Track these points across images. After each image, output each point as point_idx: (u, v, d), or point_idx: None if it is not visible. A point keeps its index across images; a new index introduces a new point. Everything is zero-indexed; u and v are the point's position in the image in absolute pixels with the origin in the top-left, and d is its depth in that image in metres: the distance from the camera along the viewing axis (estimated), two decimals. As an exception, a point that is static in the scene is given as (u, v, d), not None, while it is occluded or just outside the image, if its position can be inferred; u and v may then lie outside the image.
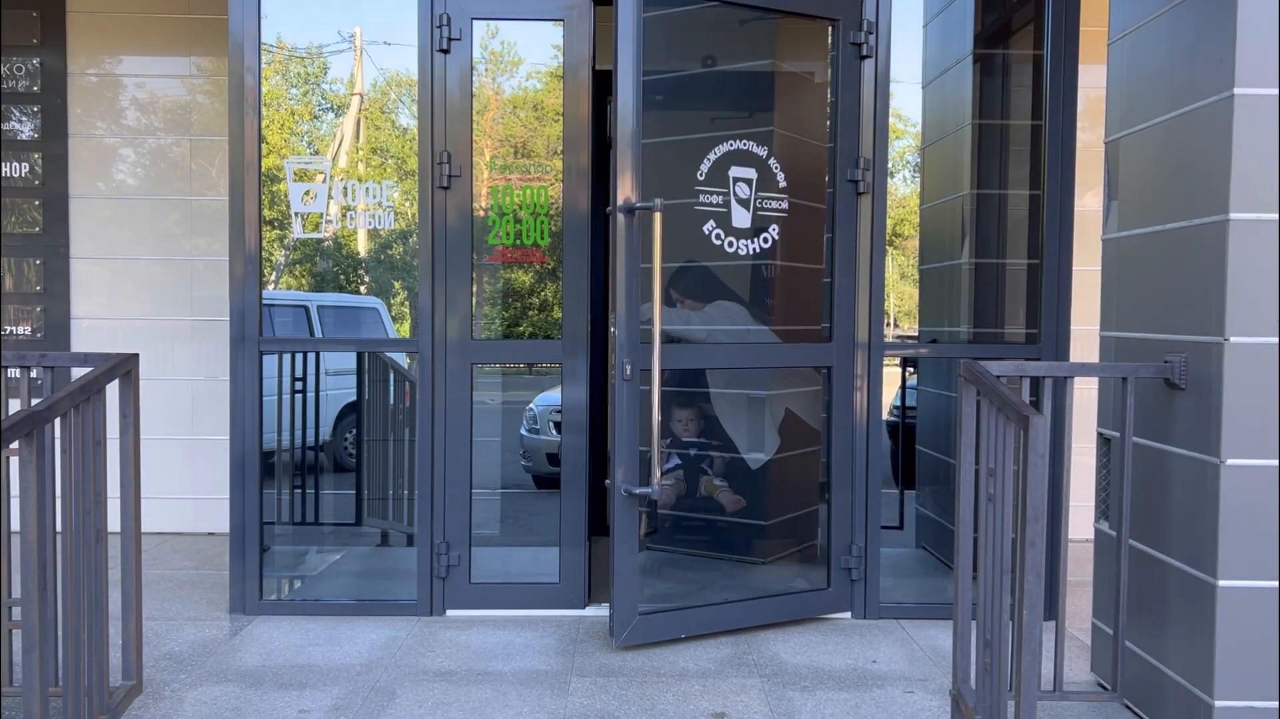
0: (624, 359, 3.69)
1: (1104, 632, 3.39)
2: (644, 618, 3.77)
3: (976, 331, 5.09)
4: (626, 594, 3.75)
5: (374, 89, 5.60)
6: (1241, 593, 2.80)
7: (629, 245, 3.68)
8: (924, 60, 5.46)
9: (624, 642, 3.72)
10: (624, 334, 3.69)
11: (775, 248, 4.14)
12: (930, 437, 5.38)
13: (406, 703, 3.26)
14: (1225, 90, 2.78)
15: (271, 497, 5.14)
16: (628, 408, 3.72)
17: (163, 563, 5.00)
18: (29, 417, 2.49)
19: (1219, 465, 2.80)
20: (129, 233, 5.58)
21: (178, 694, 3.32)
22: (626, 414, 3.72)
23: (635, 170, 3.70)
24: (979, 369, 2.94)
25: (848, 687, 3.45)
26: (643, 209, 3.66)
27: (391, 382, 5.50)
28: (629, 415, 3.72)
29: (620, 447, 3.73)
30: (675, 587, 4.54)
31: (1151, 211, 3.18)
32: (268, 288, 5.04)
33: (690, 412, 4.61)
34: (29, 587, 2.50)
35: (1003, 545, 2.75)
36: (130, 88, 5.60)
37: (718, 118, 4.39)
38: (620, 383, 3.70)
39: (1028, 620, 2.52)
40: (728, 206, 4.00)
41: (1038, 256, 4.16)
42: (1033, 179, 4.49)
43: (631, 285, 3.69)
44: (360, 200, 4.47)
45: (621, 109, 3.68)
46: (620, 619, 3.74)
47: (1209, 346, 2.85)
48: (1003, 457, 2.75)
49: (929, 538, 5.24)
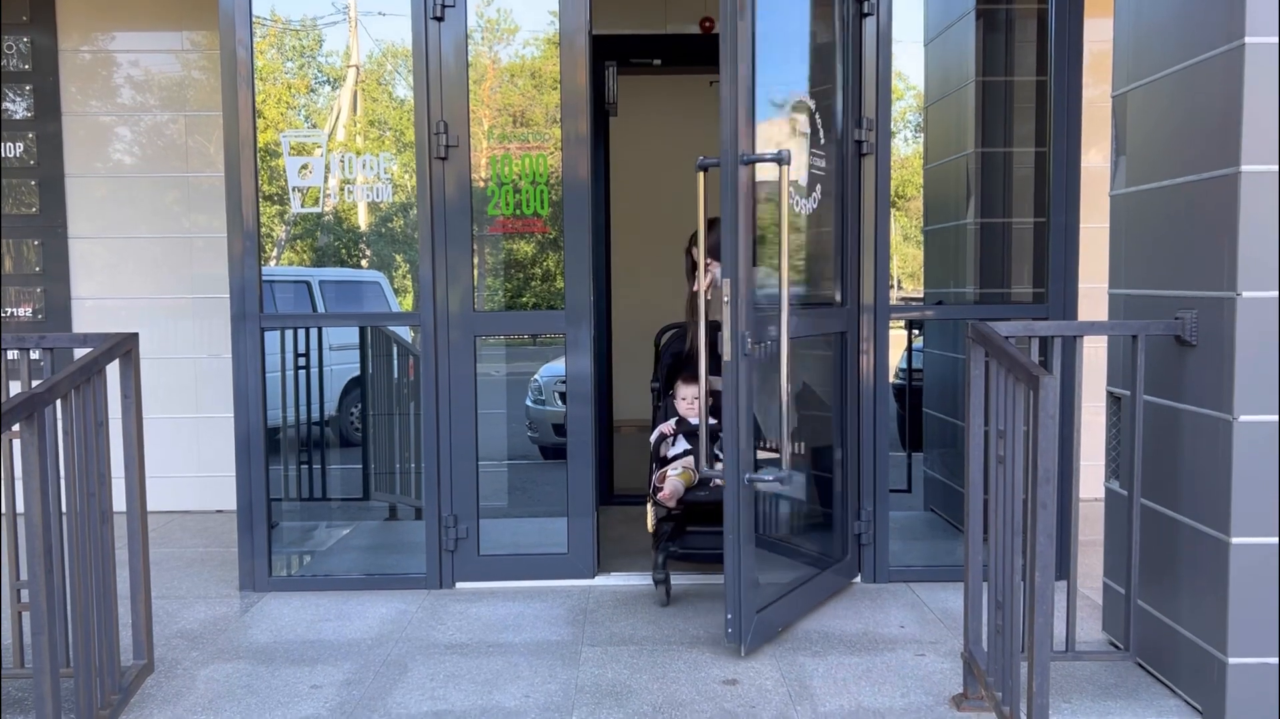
0: (744, 331, 3.28)
1: (1116, 591, 3.38)
2: (759, 616, 3.47)
3: (983, 292, 5.05)
4: (749, 598, 3.39)
5: (369, 61, 5.54)
6: (1254, 550, 2.78)
7: (746, 202, 3.30)
8: (925, 17, 5.38)
9: (750, 647, 3.41)
10: (742, 303, 3.27)
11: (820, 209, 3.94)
12: (937, 399, 5.36)
13: (418, 676, 3.27)
14: (1236, 39, 2.72)
15: (278, 473, 5.14)
16: (745, 386, 3.32)
17: (171, 541, 5.01)
18: (29, 399, 2.47)
19: (1231, 422, 2.77)
20: (127, 212, 5.54)
21: (190, 672, 3.32)
22: (744, 393, 3.32)
23: (749, 119, 3.31)
24: (987, 330, 2.90)
25: (859, 651, 3.44)
26: (765, 161, 3.33)
27: (395, 355, 5.49)
28: (746, 394, 3.33)
29: (738, 430, 3.32)
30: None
31: (1161, 166, 3.13)
32: (269, 264, 5.02)
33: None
34: (35, 568, 2.49)
35: (1013, 507, 2.73)
36: (123, 64, 5.54)
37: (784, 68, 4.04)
38: (738, 358, 3.27)
39: (1040, 582, 2.50)
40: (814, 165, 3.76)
41: (1044, 215, 4.12)
42: (1038, 136, 4.43)
43: (744, 247, 3.28)
44: (358, 173, 4.43)
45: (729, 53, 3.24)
46: (744, 625, 3.38)
47: (1220, 302, 2.81)
48: (1012, 418, 2.73)
49: (937, 500, 5.23)
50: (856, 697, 3.07)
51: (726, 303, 3.24)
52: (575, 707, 3.02)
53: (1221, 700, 2.81)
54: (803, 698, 3.06)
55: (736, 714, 2.96)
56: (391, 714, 2.99)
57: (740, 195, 3.25)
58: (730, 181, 3.24)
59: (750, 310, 3.32)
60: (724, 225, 3.25)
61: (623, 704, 3.03)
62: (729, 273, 3.25)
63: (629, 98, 5.92)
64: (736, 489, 3.33)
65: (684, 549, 4.02)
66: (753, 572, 3.41)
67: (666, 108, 8.26)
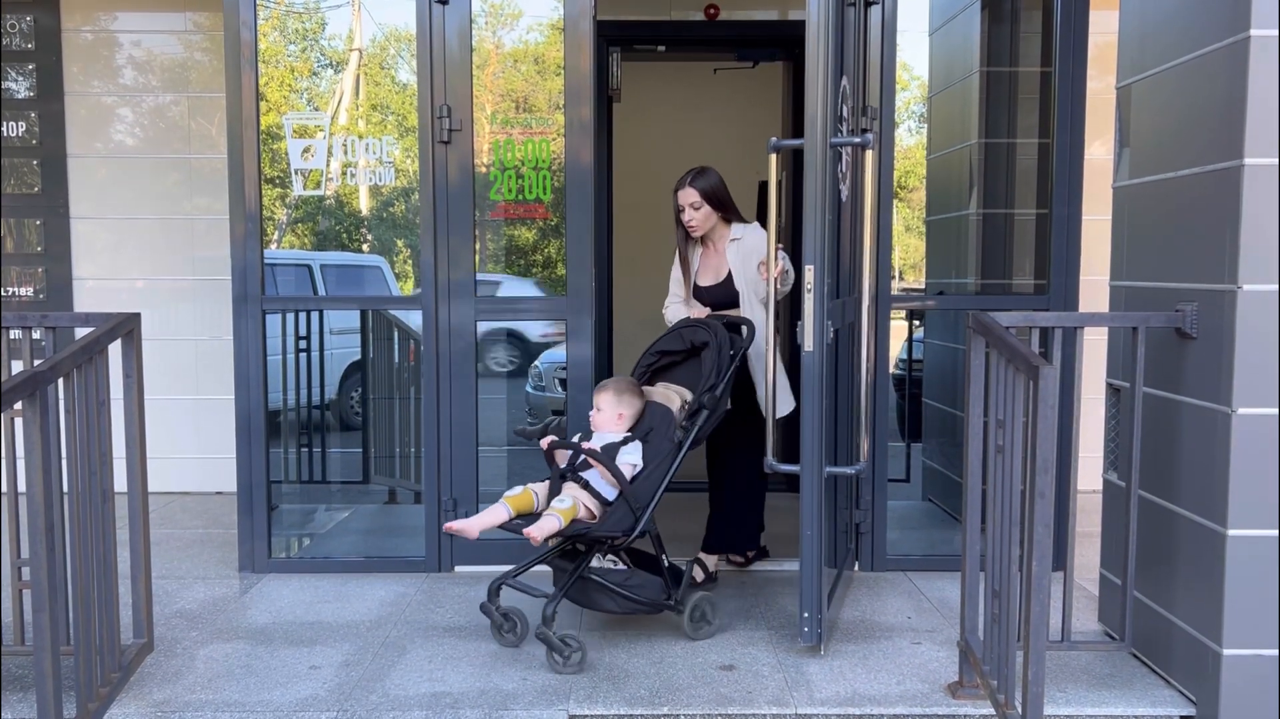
0: (825, 320, 3.17)
1: (1112, 582, 3.39)
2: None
3: (984, 283, 5.06)
4: (825, 596, 3.29)
5: (373, 44, 5.53)
6: (1251, 542, 2.79)
7: (832, 186, 3.23)
8: (930, 7, 5.37)
9: (827, 646, 3.35)
10: (825, 290, 3.16)
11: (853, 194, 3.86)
12: (936, 389, 5.37)
13: (416, 658, 3.28)
14: (1241, 32, 2.72)
15: (279, 455, 5.15)
16: (821, 377, 3.17)
17: (172, 522, 5.02)
18: (31, 377, 2.47)
19: (1230, 414, 2.78)
20: (129, 193, 5.54)
21: (189, 651, 3.34)
22: (822, 382, 3.17)
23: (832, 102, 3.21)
24: (988, 320, 2.91)
25: (855, 638, 3.46)
26: (855, 145, 3.31)
27: (396, 339, 5.49)
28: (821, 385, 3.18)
29: (820, 422, 3.17)
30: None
31: (1164, 158, 3.13)
32: (270, 247, 5.02)
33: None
34: (37, 547, 2.50)
35: (1012, 497, 2.74)
36: (126, 45, 5.53)
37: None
38: (820, 348, 3.14)
39: (1037, 571, 2.51)
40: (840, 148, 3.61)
41: (1046, 206, 4.11)
42: (1041, 127, 4.42)
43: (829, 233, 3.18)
44: (361, 157, 4.42)
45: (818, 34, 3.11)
46: (821, 624, 3.25)
47: (1221, 295, 2.82)
48: (1012, 408, 2.73)
49: (935, 490, 5.24)
50: (853, 684, 3.09)
51: (809, 291, 3.13)
52: (572, 690, 3.03)
53: (1216, 691, 2.82)
54: (799, 684, 3.08)
55: (733, 699, 2.97)
56: (389, 695, 3.00)
57: (826, 179, 3.15)
58: (819, 165, 3.11)
59: (830, 297, 3.24)
60: (807, 210, 3.13)
61: (620, 688, 3.05)
62: (812, 259, 3.12)
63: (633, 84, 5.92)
64: (817, 483, 3.20)
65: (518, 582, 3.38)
66: (827, 568, 3.34)
67: (670, 94, 8.25)
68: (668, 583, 3.39)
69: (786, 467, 3.35)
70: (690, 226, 3.91)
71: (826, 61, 3.13)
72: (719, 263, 3.98)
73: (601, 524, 3.27)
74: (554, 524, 3.15)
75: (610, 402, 3.49)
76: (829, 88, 3.16)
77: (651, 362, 3.76)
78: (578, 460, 3.38)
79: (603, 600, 3.33)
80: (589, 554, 3.34)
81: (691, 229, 3.92)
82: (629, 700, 2.96)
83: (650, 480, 3.35)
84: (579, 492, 3.31)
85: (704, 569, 4.01)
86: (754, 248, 3.89)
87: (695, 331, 3.68)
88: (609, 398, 3.50)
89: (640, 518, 3.26)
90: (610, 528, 3.26)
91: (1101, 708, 2.93)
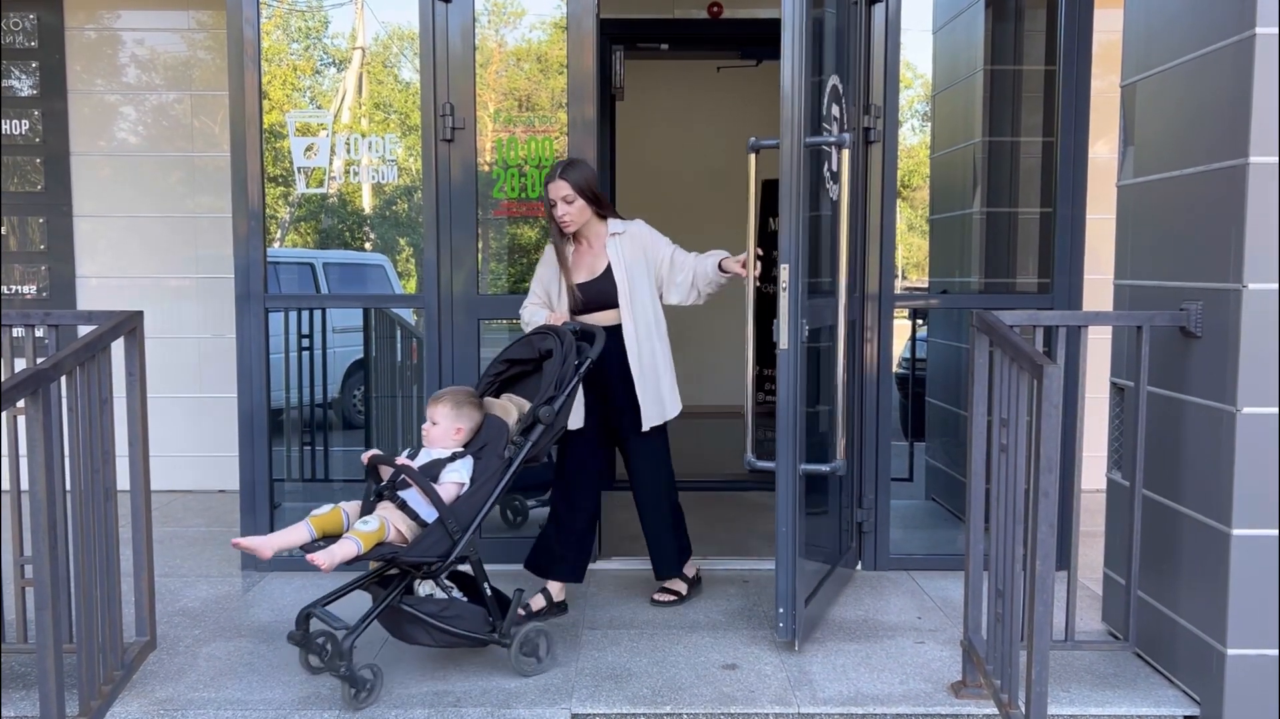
0: (801, 319, 3.21)
1: (1116, 582, 3.38)
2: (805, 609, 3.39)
3: (988, 282, 5.05)
4: (803, 591, 3.32)
5: (375, 43, 5.53)
6: (1255, 541, 2.78)
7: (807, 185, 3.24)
8: (934, 5, 5.36)
9: (804, 643, 3.36)
10: (801, 289, 3.20)
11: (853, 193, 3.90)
12: (940, 388, 5.36)
13: (418, 656, 3.28)
14: (1246, 30, 2.71)
15: (281, 454, 5.15)
16: (798, 373, 3.22)
17: (174, 520, 5.02)
18: (34, 375, 2.47)
19: (1235, 414, 2.77)
20: (131, 191, 5.54)
21: (192, 649, 3.34)
22: (798, 380, 3.22)
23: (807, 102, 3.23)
24: (992, 319, 2.90)
25: (859, 638, 3.45)
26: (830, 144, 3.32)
27: (399, 338, 5.49)
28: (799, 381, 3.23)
29: (795, 420, 3.22)
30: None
31: (1168, 157, 3.12)
32: (273, 245, 5.01)
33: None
34: (39, 544, 2.50)
35: (1015, 496, 2.73)
36: (129, 43, 5.53)
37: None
38: (795, 346, 3.19)
39: (1041, 571, 2.50)
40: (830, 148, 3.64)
41: (1050, 205, 4.11)
42: (1045, 126, 4.42)
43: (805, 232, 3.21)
44: (363, 155, 4.42)
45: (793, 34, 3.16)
46: (796, 619, 3.28)
47: (1226, 294, 2.81)
48: (1016, 407, 2.73)
49: (939, 489, 5.23)
50: (856, 683, 3.08)
51: (784, 289, 3.17)
52: (575, 689, 3.03)
53: (1220, 691, 2.82)
54: (802, 684, 3.08)
55: (735, 699, 2.97)
56: (392, 694, 3.00)
57: (801, 178, 3.19)
58: (793, 164, 3.16)
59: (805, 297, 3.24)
60: (782, 209, 3.18)
61: (622, 687, 3.04)
62: (789, 258, 3.18)
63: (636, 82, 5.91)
64: (792, 480, 3.23)
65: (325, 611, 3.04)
66: (804, 566, 3.35)
67: (673, 93, 8.24)
68: (491, 613, 3.09)
69: (764, 463, 3.36)
70: (563, 222, 3.57)
71: (802, 61, 3.15)
72: (594, 260, 3.65)
73: (412, 548, 2.93)
74: (350, 549, 2.83)
75: (447, 414, 3.16)
76: (803, 88, 3.17)
77: (500, 370, 3.43)
78: (397, 478, 3.07)
79: (415, 633, 3.00)
80: (400, 581, 2.99)
81: (565, 224, 3.58)
82: (631, 699, 2.96)
83: (473, 501, 3.04)
84: (391, 512, 2.99)
85: (546, 597, 3.68)
86: (645, 241, 3.65)
87: (544, 339, 3.38)
88: (446, 410, 3.16)
89: (458, 541, 2.96)
90: (422, 553, 2.93)
91: (1105, 708, 2.92)
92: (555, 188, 3.56)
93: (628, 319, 3.60)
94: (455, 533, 2.96)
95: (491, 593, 3.13)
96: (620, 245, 3.64)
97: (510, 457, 3.13)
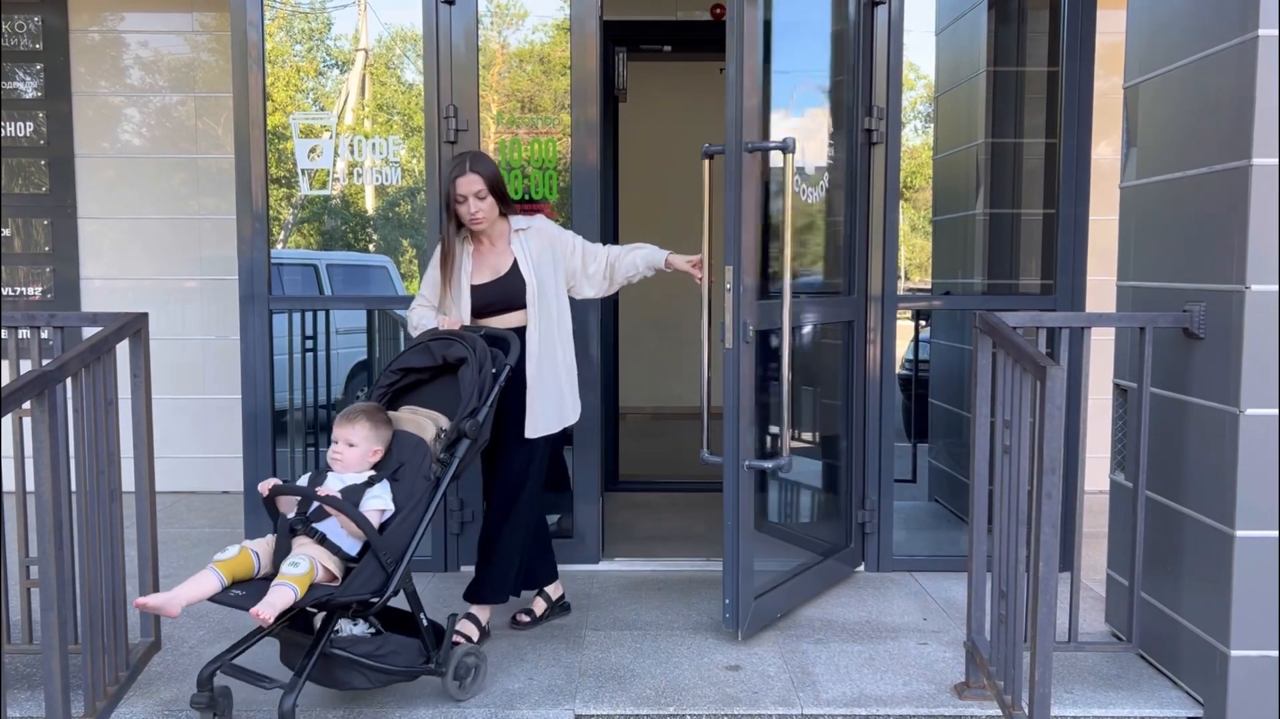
0: (745, 319, 3.27)
1: (1119, 583, 3.38)
2: (757, 602, 3.46)
3: (990, 283, 5.05)
4: (747, 583, 3.39)
5: (379, 44, 5.53)
6: (1258, 543, 2.78)
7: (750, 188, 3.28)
8: (937, 6, 5.36)
9: (747, 633, 3.41)
10: (745, 290, 3.26)
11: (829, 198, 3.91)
12: (943, 389, 5.36)
13: (423, 658, 3.28)
14: (1249, 32, 2.71)
15: (285, 455, 5.15)
16: (746, 372, 3.30)
17: (179, 521, 5.03)
18: (40, 377, 2.48)
19: (1238, 415, 2.77)
20: (135, 193, 5.55)
21: (196, 650, 3.34)
22: (746, 378, 3.30)
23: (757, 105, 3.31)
24: (995, 320, 2.90)
25: (861, 639, 3.46)
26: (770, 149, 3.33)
27: (402, 340, 5.49)
28: (748, 379, 3.32)
29: (738, 416, 3.29)
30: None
31: (1171, 158, 3.12)
32: (276, 247, 5.02)
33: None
34: (45, 545, 2.51)
35: (1018, 497, 2.74)
36: (133, 45, 5.54)
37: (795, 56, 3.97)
38: (739, 345, 3.25)
39: (1044, 572, 2.51)
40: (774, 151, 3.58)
41: (1053, 206, 4.11)
42: (1048, 127, 4.41)
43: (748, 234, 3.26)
44: (367, 157, 4.43)
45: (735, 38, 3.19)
46: (742, 610, 3.37)
47: (1229, 295, 2.81)
48: (1019, 408, 2.73)
49: (942, 491, 5.23)
50: (859, 684, 3.08)
51: (728, 290, 3.22)
52: (579, 690, 3.03)
53: (1223, 692, 2.82)
54: (805, 685, 3.08)
55: (739, 700, 2.97)
56: (395, 693, 3.01)
57: (744, 182, 3.24)
58: (734, 168, 3.23)
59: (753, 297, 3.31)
60: (727, 211, 3.24)
61: (626, 688, 3.05)
62: (731, 259, 3.24)
63: (639, 84, 5.91)
64: (736, 475, 3.32)
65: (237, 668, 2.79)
66: (750, 558, 3.40)
67: (676, 94, 8.25)
68: (426, 643, 2.87)
69: (714, 458, 3.41)
70: (475, 220, 3.34)
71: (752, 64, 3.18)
72: (498, 259, 3.44)
73: (347, 587, 2.67)
74: (288, 596, 2.55)
75: (365, 436, 2.86)
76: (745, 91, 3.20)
77: (393, 380, 3.16)
78: (310, 509, 2.77)
79: (349, 677, 2.74)
80: (328, 624, 2.71)
81: (476, 223, 3.35)
82: (635, 700, 2.96)
83: (404, 527, 2.80)
84: (314, 549, 2.71)
85: (476, 624, 3.42)
86: (551, 235, 3.49)
87: (449, 346, 3.12)
88: (364, 432, 2.86)
89: (393, 574, 2.72)
90: (358, 590, 2.67)
91: (1108, 709, 2.92)
92: (467, 182, 3.30)
93: (534, 320, 3.40)
94: (389, 565, 2.72)
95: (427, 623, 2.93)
96: (526, 241, 3.44)
97: (438, 476, 2.92)
